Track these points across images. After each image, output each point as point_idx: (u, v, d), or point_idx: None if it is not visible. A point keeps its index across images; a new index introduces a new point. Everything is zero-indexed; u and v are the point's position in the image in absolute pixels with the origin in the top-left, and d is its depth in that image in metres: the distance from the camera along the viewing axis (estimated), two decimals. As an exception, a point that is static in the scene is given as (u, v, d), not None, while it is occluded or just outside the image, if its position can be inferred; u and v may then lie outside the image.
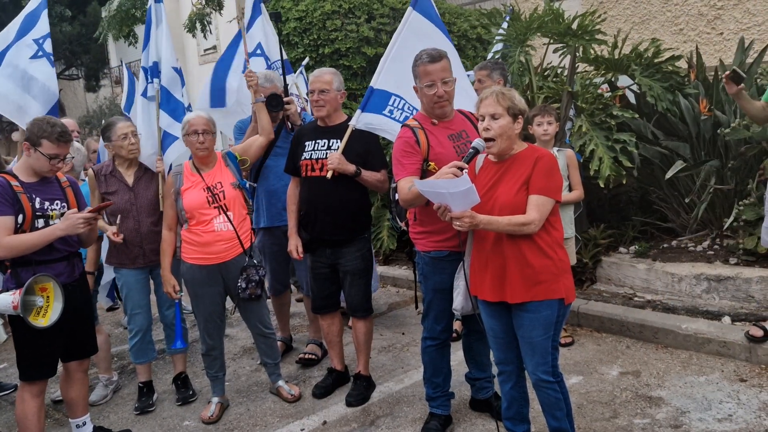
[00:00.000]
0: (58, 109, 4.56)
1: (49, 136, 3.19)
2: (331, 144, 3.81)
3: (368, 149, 3.83)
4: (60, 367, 3.46)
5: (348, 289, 3.93)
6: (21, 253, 3.11)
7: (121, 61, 9.03)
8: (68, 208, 3.33)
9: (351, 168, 3.72)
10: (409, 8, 3.90)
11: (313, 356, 4.61)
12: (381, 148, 3.96)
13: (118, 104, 20.31)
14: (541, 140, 4.18)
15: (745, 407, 3.42)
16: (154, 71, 4.33)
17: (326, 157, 3.75)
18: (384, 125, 3.84)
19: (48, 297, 3.11)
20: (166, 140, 4.25)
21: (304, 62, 6.53)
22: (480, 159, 2.95)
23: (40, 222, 3.20)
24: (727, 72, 3.75)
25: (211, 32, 14.62)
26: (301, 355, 4.64)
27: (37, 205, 3.21)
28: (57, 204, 3.30)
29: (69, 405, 3.61)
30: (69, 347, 3.40)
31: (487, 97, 2.79)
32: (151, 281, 4.14)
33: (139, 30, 15.16)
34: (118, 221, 3.79)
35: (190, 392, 4.24)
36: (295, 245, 3.91)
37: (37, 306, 3.08)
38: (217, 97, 5.07)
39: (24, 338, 3.20)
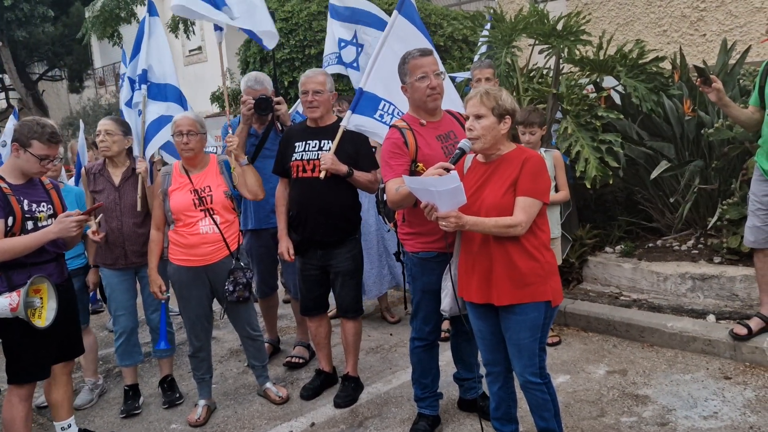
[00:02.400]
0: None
1: (40, 137, 3.18)
2: (322, 145, 3.81)
3: (359, 150, 3.83)
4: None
5: (339, 290, 3.93)
6: (14, 256, 3.09)
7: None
8: (54, 210, 3.32)
9: (344, 168, 3.72)
10: (395, 12, 3.91)
11: (301, 359, 4.59)
12: (371, 148, 3.97)
13: (102, 105, 20.15)
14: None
15: (730, 404, 3.46)
16: (142, 79, 4.32)
17: (318, 158, 3.75)
18: (374, 128, 3.85)
19: (42, 298, 3.11)
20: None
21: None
22: (468, 160, 2.95)
23: (29, 224, 3.19)
24: (698, 79, 3.77)
25: (194, 33, 14.53)
26: (288, 359, 4.62)
27: (26, 207, 3.19)
28: (43, 206, 3.29)
29: (54, 407, 3.57)
30: (59, 349, 3.37)
31: (473, 98, 2.79)
32: (138, 283, 4.11)
33: (124, 30, 15.06)
34: (98, 220, 3.75)
35: (177, 395, 4.21)
36: (286, 247, 3.89)
37: (33, 307, 3.07)
38: None
39: (17, 341, 3.16)
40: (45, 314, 3.09)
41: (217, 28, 4.42)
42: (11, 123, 4.68)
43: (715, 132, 4.69)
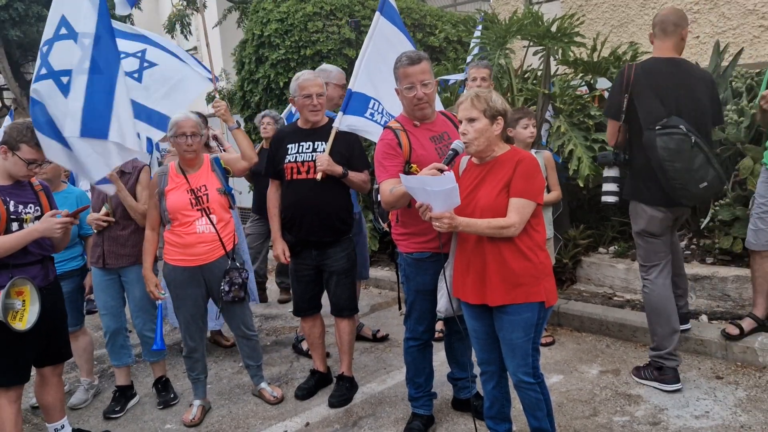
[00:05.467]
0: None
1: (29, 140, 3.18)
2: (316, 146, 3.82)
3: (352, 150, 3.86)
4: (34, 372, 3.40)
5: (334, 288, 3.94)
6: None
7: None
8: (42, 212, 3.28)
9: (339, 169, 3.74)
10: (377, 13, 3.96)
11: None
12: (363, 148, 3.99)
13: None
14: (526, 143, 4.21)
15: (721, 404, 3.48)
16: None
17: (312, 160, 3.76)
18: (366, 127, 3.89)
19: (24, 300, 3.07)
20: None
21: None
22: (463, 162, 2.97)
23: (14, 226, 3.15)
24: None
25: (191, 33, 14.57)
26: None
27: (12, 209, 3.16)
28: (31, 208, 3.25)
29: (46, 410, 3.55)
30: (43, 352, 3.34)
31: (464, 101, 2.80)
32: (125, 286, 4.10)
33: (119, 30, 15.02)
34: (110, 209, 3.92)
35: (172, 395, 4.21)
36: (282, 249, 3.90)
37: (14, 309, 3.04)
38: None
39: None
40: (26, 317, 3.06)
41: None
42: (6, 122, 4.64)
43: (707, 133, 4.71)
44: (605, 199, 3.88)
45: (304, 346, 4.73)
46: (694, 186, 3.49)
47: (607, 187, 3.85)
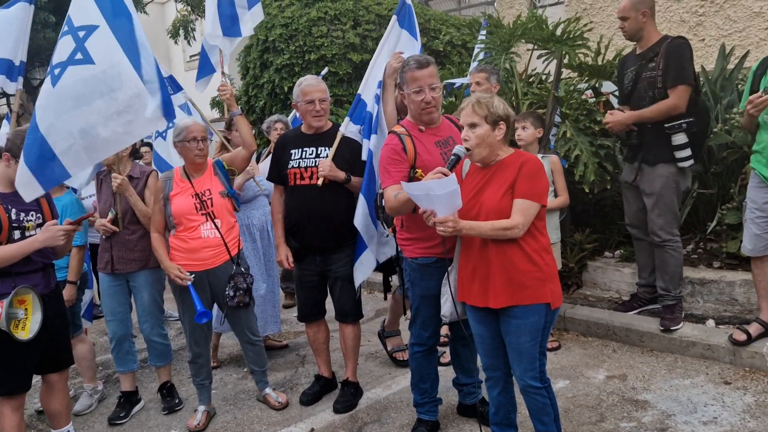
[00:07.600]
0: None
1: None
2: (319, 152, 3.82)
3: (356, 156, 3.85)
4: (36, 379, 3.40)
5: (338, 294, 3.93)
6: (0, 265, 3.06)
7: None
8: (43, 219, 3.28)
9: (342, 175, 3.74)
10: (393, 17, 3.94)
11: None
12: None
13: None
14: (520, 146, 4.20)
15: (729, 409, 3.45)
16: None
17: (315, 165, 3.76)
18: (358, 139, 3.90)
19: (27, 309, 3.06)
20: None
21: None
22: (466, 165, 2.96)
23: (17, 234, 3.15)
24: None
25: (195, 38, 14.66)
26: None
27: (14, 216, 3.16)
28: (32, 215, 3.25)
29: (52, 416, 3.54)
30: (45, 359, 3.33)
31: (465, 107, 2.81)
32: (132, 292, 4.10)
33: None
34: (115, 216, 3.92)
35: (176, 401, 4.21)
36: (285, 255, 3.90)
37: (17, 318, 3.03)
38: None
39: (0, 352, 3.12)
40: (29, 326, 3.05)
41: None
42: (5, 128, 4.63)
43: (713, 137, 4.70)
44: (684, 164, 4.13)
45: (389, 344, 4.64)
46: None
47: (684, 153, 4.10)
